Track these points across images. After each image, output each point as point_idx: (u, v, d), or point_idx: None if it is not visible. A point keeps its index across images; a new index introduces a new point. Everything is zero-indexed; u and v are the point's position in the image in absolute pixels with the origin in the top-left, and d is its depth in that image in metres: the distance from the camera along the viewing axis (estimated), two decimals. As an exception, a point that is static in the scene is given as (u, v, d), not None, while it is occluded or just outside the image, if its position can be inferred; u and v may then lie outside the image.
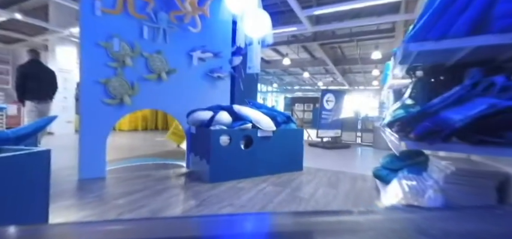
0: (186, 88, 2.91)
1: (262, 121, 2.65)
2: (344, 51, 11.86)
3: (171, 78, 2.80)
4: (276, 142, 2.77)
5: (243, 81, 3.76)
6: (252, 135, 2.62)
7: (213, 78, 3.12)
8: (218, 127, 2.46)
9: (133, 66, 2.56)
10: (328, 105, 5.39)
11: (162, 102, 2.78)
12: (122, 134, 7.53)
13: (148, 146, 4.92)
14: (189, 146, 2.99)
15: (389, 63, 1.68)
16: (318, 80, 18.09)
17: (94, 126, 2.38)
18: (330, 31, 9.04)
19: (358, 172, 3.16)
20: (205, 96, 3.04)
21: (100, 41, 2.38)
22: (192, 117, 2.68)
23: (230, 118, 2.61)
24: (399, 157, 2.16)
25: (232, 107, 2.73)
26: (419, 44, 0.85)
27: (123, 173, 2.65)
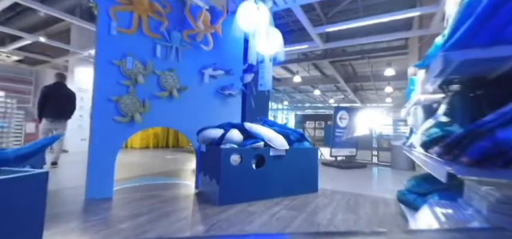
0: (197, 105, 2.87)
1: (274, 139, 2.53)
2: (355, 68, 11.74)
3: (182, 95, 2.77)
4: (289, 162, 2.63)
5: (254, 98, 3.69)
6: (264, 154, 2.50)
7: (224, 96, 3.07)
8: (229, 146, 2.36)
9: (145, 83, 2.55)
10: (342, 122, 5.21)
11: (172, 120, 2.74)
12: (133, 152, 7.57)
13: (158, 165, 4.87)
14: (198, 165, 2.90)
15: (415, 77, 1.55)
16: (329, 97, 17.91)
17: (104, 144, 2.34)
18: (341, 49, 9.01)
19: (378, 194, 2.94)
20: (216, 114, 2.98)
21: (114, 59, 2.40)
22: (202, 135, 2.60)
23: (241, 136, 2.51)
24: (427, 179, 1.96)
25: (244, 125, 2.64)
26: (463, 52, 0.73)
27: (131, 193, 2.57)
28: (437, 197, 1.79)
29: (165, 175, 3.72)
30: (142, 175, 3.63)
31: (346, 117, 5.23)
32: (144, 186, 2.95)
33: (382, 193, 3.06)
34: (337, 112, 5.20)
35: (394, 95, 16.06)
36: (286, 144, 2.59)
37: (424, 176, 2.00)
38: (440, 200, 1.64)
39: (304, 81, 12.95)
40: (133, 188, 2.80)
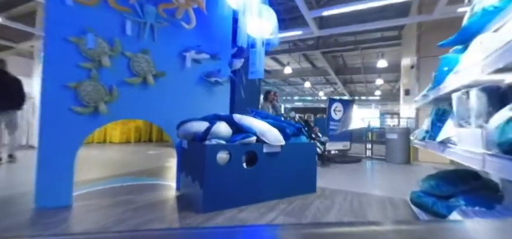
0: (177, 94, 2.45)
1: (268, 133, 2.18)
2: (346, 60, 11.57)
3: (159, 82, 2.34)
4: (285, 159, 2.29)
5: (244, 87, 3.31)
6: (257, 151, 2.14)
7: (209, 84, 2.66)
8: (214, 141, 1.98)
9: (112, 67, 2.10)
10: (336, 115, 4.94)
11: (147, 111, 2.31)
12: (112, 147, 7.01)
13: (138, 162, 4.41)
14: (179, 164, 2.50)
15: (458, 56, 1.23)
16: (319, 90, 17.78)
17: (58, 140, 1.89)
18: (333, 39, 8.74)
19: (382, 193, 2.67)
20: (200, 104, 2.58)
21: (70, 36, 1.93)
22: (183, 129, 2.20)
23: (230, 130, 2.13)
24: (448, 180, 1.67)
25: (233, 117, 2.26)
26: None
27: (97, 199, 2.14)
28: (463, 202, 1.51)
29: (144, 174, 3.29)
30: (117, 175, 3.18)
31: (340, 110, 4.96)
32: (116, 189, 2.52)
33: (386, 191, 2.80)
34: (332, 104, 4.91)
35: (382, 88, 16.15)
36: (281, 139, 2.24)
37: (444, 176, 1.71)
38: (474, 208, 1.34)
39: (295, 73, 12.66)
40: (102, 192, 2.37)
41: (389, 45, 8.12)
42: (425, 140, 1.58)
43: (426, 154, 4.42)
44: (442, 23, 4.41)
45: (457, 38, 1.35)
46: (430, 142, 1.49)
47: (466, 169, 1.74)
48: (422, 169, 3.76)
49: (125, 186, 2.64)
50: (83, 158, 4.60)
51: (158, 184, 2.79)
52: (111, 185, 2.66)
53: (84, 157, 4.77)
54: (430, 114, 1.78)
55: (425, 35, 4.60)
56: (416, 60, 4.73)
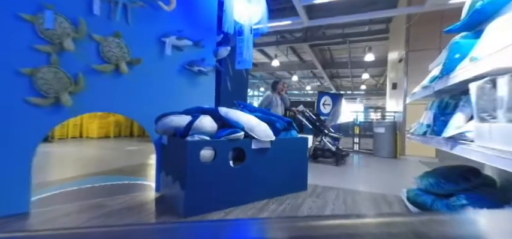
0: (155, 85, 2.20)
1: (257, 128, 1.99)
2: (333, 54, 11.57)
3: (134, 71, 2.08)
4: (276, 155, 2.12)
5: (230, 79, 3.09)
6: (245, 147, 1.95)
7: (192, 74, 2.42)
8: (197, 137, 1.77)
9: (77, 51, 1.82)
10: (325, 108, 4.84)
11: (121, 103, 2.04)
12: (89, 143, 6.57)
13: (116, 158, 4.09)
14: (159, 162, 2.26)
15: (472, 41, 1.09)
16: (306, 84, 17.81)
17: (10, 137, 1.60)
18: (321, 32, 8.65)
19: (374, 190, 2.58)
20: (182, 96, 2.34)
21: (23, 12, 1.63)
22: (162, 124, 1.97)
23: (215, 125, 1.93)
24: (449, 177, 1.57)
25: (218, 111, 2.05)
26: None
27: (62, 204, 1.87)
28: (466, 200, 1.41)
29: (121, 173, 3.01)
30: (90, 174, 2.89)
31: (329, 103, 4.87)
32: (86, 191, 2.25)
33: (378, 187, 2.72)
34: (321, 98, 4.81)
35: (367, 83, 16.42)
36: (271, 134, 2.06)
37: (444, 173, 1.61)
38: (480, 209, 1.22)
39: (282, 67, 12.52)
40: (68, 195, 2.10)
41: (376, 39, 8.14)
42: (427, 135, 1.46)
43: (413, 148, 4.44)
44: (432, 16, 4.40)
45: (467, 22, 1.22)
46: (433, 138, 1.36)
47: (465, 165, 1.65)
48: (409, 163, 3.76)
49: (96, 187, 2.37)
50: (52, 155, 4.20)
51: (136, 184, 2.54)
52: (81, 186, 2.38)
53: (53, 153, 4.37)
54: (430, 108, 1.67)
55: (414, 28, 4.57)
56: (404, 53, 4.71)
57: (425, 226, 0.37)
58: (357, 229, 0.38)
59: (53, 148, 5.09)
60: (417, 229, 0.36)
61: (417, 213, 1.42)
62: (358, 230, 0.38)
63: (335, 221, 0.42)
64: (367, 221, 0.42)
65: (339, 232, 0.37)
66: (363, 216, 0.47)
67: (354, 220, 0.43)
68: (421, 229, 0.36)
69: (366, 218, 0.44)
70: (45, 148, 5.07)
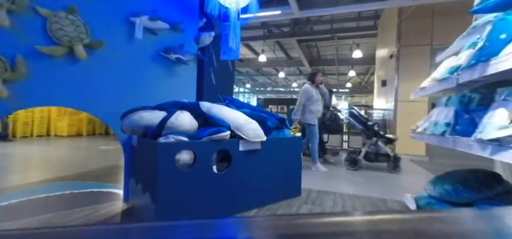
0: (122, 75, 1.83)
1: (246, 126, 1.69)
2: (320, 51, 11.47)
3: (95, 56, 1.70)
4: (266, 158, 1.83)
5: (215, 71, 2.76)
6: (231, 149, 1.65)
7: (169, 62, 2.07)
8: (173, 138, 1.44)
9: (15, 28, 1.42)
10: (315, 106, 4.62)
11: (77, 96, 1.66)
12: (58, 141, 5.95)
13: (84, 160, 3.63)
14: (127, 166, 1.90)
15: None
16: (292, 81, 17.70)
17: None
18: (309, 27, 8.46)
19: (373, 195, 2.37)
20: (156, 89, 1.99)
21: None
22: (130, 122, 1.61)
23: (195, 123, 1.60)
24: (467, 184, 1.36)
25: (199, 106, 1.73)
26: None
27: (2, 221, 1.47)
28: (491, 212, 1.18)
29: (87, 178, 2.60)
30: (49, 180, 2.46)
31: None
32: (40, 202, 1.85)
33: (377, 192, 2.51)
34: (311, 94, 4.57)
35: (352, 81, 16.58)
36: (262, 133, 1.77)
37: (462, 179, 1.40)
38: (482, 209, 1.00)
39: (269, 63, 12.27)
40: (13, 209, 1.69)
41: (364, 36, 8.07)
42: (447, 135, 1.23)
43: (402, 146, 4.33)
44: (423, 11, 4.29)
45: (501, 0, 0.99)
46: (458, 139, 1.13)
47: (485, 170, 1.45)
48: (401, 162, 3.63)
49: (51, 198, 1.96)
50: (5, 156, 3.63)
51: (101, 192, 2.15)
52: (33, 195, 1.97)
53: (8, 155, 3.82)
54: (446, 104, 1.44)
55: (405, 23, 4.46)
56: (396, 50, 4.59)
57: (423, 223, 0.37)
58: (355, 226, 0.38)
59: (10, 149, 4.49)
60: (416, 226, 0.36)
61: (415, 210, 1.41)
62: (356, 227, 0.37)
63: (332, 218, 0.41)
64: (365, 219, 0.41)
65: (337, 230, 0.36)
66: (361, 213, 0.46)
67: (351, 217, 0.42)
68: (419, 226, 0.36)
69: (364, 216, 0.43)
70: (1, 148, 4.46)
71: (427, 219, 0.39)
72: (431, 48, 4.31)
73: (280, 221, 0.40)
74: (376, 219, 0.40)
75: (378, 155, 3.45)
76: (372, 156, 3.49)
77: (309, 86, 3.53)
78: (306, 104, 3.43)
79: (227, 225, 0.40)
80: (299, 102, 3.45)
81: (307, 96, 3.45)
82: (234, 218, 0.51)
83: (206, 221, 0.40)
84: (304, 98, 3.44)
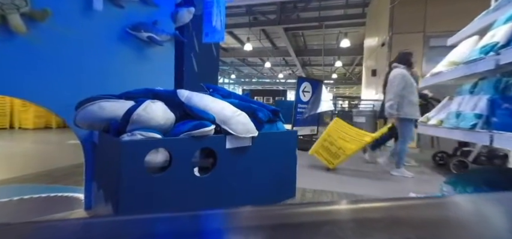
0: (78, 55, 1.47)
1: (234, 119, 1.41)
2: (306, 40, 11.28)
3: (38, 31, 1.32)
4: (257, 156, 1.57)
5: (196, 56, 2.43)
6: (215, 147, 1.37)
7: (139, 42, 1.72)
8: (140, 135, 1.13)
9: None
10: (305, 96, 4.42)
11: (16, 82, 1.29)
12: (21, 135, 5.34)
13: (48, 157, 3.19)
14: (89, 168, 1.57)
15: None
16: (278, 72, 17.49)
17: None
18: (296, 15, 8.19)
19: (374, 192, 2.20)
20: (123, 75, 1.65)
21: None
22: (86, 113, 1.28)
23: (170, 116, 1.30)
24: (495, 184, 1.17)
25: (177, 94, 1.43)
26: None
27: None
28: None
29: (48, 179, 2.22)
30: (5, 181, 2.05)
31: (309, 91, 4.45)
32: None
33: (376, 189, 2.35)
34: (300, 84, 4.36)
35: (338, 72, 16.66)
36: (252, 128, 1.50)
37: (487, 179, 1.22)
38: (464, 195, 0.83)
39: (254, 53, 11.93)
40: None
41: (352, 25, 7.94)
42: (478, 128, 1.03)
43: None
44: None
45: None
46: (498, 135, 0.93)
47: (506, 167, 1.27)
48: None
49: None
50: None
51: (61, 197, 1.80)
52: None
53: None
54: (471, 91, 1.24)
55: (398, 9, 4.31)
56: (388, 37, 4.45)
57: (403, 210, 0.38)
58: (339, 214, 0.38)
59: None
60: (395, 213, 0.37)
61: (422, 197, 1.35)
62: (340, 216, 0.38)
63: (316, 208, 0.41)
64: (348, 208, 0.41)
65: (322, 219, 0.36)
66: (344, 202, 0.50)
67: (335, 206, 0.42)
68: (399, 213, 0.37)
69: (347, 205, 0.44)
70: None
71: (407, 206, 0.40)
72: (424, 35, 4.21)
73: (265, 212, 0.39)
74: (359, 208, 0.41)
75: (493, 157, 2.56)
76: (483, 158, 2.66)
77: (404, 70, 2.66)
78: (405, 95, 2.59)
79: (211, 217, 0.39)
80: (394, 92, 2.60)
81: (406, 84, 2.60)
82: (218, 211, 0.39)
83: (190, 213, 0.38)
84: (401, 86, 2.59)
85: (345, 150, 2.80)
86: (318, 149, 3.03)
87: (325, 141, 2.98)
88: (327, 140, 2.96)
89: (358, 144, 2.80)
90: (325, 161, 2.94)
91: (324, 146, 2.98)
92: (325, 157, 2.95)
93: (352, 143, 2.81)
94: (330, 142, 2.94)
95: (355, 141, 2.84)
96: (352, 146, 2.79)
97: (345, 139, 2.90)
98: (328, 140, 2.96)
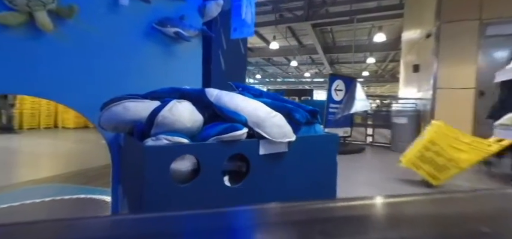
0: (103, 53, 1.40)
1: (268, 121, 1.23)
2: (335, 37, 10.76)
3: (64, 28, 1.27)
4: (294, 164, 1.37)
5: (223, 53, 2.30)
6: (248, 153, 1.20)
7: (165, 39, 1.63)
8: (165, 140, 1.00)
9: None
10: (337, 95, 4.10)
11: (43, 82, 1.25)
12: (62, 135, 5.73)
13: (81, 156, 3.31)
14: (116, 170, 1.50)
15: None
16: (304, 70, 17.02)
17: None
18: (325, 10, 7.80)
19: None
20: (149, 74, 1.56)
21: None
22: (111, 115, 1.19)
23: (198, 117, 1.16)
24: None
25: (205, 93, 1.29)
26: None
27: None
28: None
29: (80, 179, 2.25)
30: (38, 181, 2.11)
31: (342, 89, 4.13)
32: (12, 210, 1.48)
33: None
34: (332, 82, 4.05)
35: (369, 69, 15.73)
36: (290, 131, 1.30)
37: None
38: None
39: (280, 51, 11.68)
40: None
41: (387, 17, 7.33)
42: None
43: (442, 141, 3.75)
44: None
45: None
46: None
47: None
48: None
49: (25, 206, 1.59)
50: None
51: (89, 199, 1.77)
52: (5, 203, 1.60)
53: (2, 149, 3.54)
54: None
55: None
56: (435, 27, 3.94)
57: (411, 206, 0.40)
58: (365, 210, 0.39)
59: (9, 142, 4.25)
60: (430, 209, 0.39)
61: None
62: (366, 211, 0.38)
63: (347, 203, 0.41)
64: (381, 202, 0.41)
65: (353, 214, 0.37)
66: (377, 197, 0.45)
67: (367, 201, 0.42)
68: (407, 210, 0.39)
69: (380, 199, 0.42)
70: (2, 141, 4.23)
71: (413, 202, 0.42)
72: (480, 23, 3.63)
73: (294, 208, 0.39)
74: (392, 202, 0.41)
75: None
76: None
77: None
78: None
79: (242, 214, 0.38)
80: None
81: None
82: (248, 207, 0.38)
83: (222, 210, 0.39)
84: None
85: (458, 162, 2.26)
86: (416, 160, 2.41)
87: (427, 150, 2.35)
88: (431, 150, 2.34)
89: (479, 154, 2.25)
90: (426, 175, 2.38)
91: (426, 157, 2.36)
92: (427, 170, 2.37)
93: (470, 153, 2.26)
94: (436, 152, 2.32)
95: (475, 151, 2.27)
96: (470, 156, 2.25)
97: (459, 147, 2.31)
98: (433, 149, 2.34)
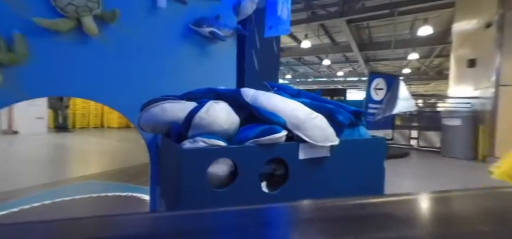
0: (142, 55, 1.42)
1: (309, 123, 1.13)
2: (372, 33, 10.08)
3: (107, 32, 1.32)
4: (338, 170, 1.25)
5: (256, 52, 2.24)
6: (287, 157, 1.11)
7: (201, 39, 1.61)
8: (202, 142, 0.96)
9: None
10: (378, 95, 3.79)
11: (87, 84, 1.31)
12: (107, 134, 6.24)
13: (124, 154, 3.53)
14: (155, 170, 1.53)
15: None
16: (337, 69, 16.32)
17: None
18: (361, 4, 7.34)
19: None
20: (185, 74, 1.55)
21: None
22: (149, 116, 1.20)
23: (235, 119, 1.11)
24: None
25: (241, 94, 1.24)
26: None
27: None
28: None
29: (122, 177, 2.37)
30: (86, 177, 2.28)
31: (382, 88, 3.80)
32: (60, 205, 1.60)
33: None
34: (372, 80, 3.76)
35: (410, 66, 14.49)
36: (332, 134, 1.18)
37: None
38: None
39: (312, 50, 11.33)
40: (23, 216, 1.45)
41: (433, 8, 6.62)
42: None
43: (507, 144, 3.23)
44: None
45: None
46: None
47: None
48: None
49: (74, 201, 1.70)
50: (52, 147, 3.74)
51: (130, 197, 1.85)
52: (56, 198, 1.74)
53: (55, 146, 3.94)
54: None
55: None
56: (497, 16, 3.42)
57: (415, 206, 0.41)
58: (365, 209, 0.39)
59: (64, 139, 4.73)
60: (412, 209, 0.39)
61: None
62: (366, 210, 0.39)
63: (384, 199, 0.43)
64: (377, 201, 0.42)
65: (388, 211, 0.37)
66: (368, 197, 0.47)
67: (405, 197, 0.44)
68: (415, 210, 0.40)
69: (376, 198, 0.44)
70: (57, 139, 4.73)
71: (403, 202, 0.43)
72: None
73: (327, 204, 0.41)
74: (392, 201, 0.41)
75: None
76: None
77: None
78: None
79: (280, 210, 0.39)
80: None
81: None
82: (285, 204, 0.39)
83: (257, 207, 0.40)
84: None
85: None
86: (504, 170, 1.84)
87: None
88: None
89: None
90: None
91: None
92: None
93: None
94: None
95: None
96: None
97: None
98: None
